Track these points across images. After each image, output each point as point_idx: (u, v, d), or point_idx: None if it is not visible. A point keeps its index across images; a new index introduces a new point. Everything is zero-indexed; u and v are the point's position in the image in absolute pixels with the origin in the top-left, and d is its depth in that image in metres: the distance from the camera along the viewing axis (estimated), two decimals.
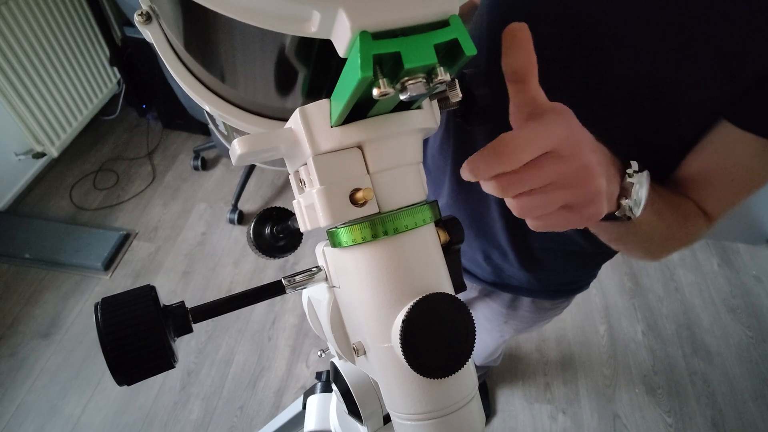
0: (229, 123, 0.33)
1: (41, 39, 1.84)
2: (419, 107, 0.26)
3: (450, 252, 0.30)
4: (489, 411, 1.53)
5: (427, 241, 0.27)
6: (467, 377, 0.28)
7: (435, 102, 0.28)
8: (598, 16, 0.47)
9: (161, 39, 0.33)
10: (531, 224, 0.35)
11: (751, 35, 0.41)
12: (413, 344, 0.25)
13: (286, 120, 0.26)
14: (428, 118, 0.26)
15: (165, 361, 0.27)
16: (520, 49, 0.29)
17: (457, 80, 0.26)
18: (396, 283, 0.26)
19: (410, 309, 0.25)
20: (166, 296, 1.77)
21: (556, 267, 0.75)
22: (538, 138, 0.29)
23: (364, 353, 0.29)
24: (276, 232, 0.45)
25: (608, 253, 0.73)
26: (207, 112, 0.38)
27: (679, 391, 1.59)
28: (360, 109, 0.23)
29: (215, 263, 1.88)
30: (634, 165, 0.39)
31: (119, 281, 1.81)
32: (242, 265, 1.88)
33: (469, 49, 0.17)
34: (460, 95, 0.26)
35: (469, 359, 0.27)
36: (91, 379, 1.56)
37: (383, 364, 0.27)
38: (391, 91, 0.18)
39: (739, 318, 1.78)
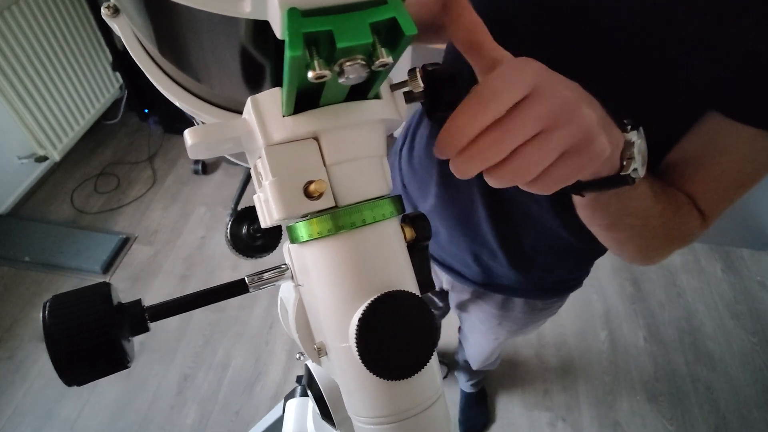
0: (199, 118, 0.32)
1: (44, 44, 1.86)
2: (378, 97, 0.25)
3: (417, 249, 0.29)
4: (488, 418, 1.51)
5: (388, 236, 0.26)
6: (430, 379, 0.27)
7: (399, 94, 0.28)
8: (580, 3, 0.46)
9: (128, 31, 0.33)
10: (536, 188, 0.31)
11: (739, 21, 0.40)
12: (369, 344, 0.24)
13: None
14: (389, 109, 0.25)
15: (115, 361, 0.26)
16: (462, 15, 0.28)
17: (419, 71, 0.25)
18: (354, 279, 0.25)
19: (367, 307, 0.24)
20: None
21: (547, 265, 0.74)
22: (514, 75, 0.27)
23: (326, 354, 0.28)
24: (253, 231, 0.44)
25: (600, 250, 0.71)
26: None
27: (681, 399, 1.56)
28: (311, 98, 0.22)
29: (214, 267, 1.88)
30: (627, 121, 0.37)
31: (117, 284, 1.80)
32: (241, 270, 1.87)
33: (409, 28, 0.16)
34: (422, 86, 0.25)
35: (430, 360, 0.26)
36: None
37: (342, 365, 0.26)
38: (327, 73, 0.17)
39: (743, 324, 1.75)
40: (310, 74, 0.17)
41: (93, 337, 0.25)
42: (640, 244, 0.51)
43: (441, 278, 0.89)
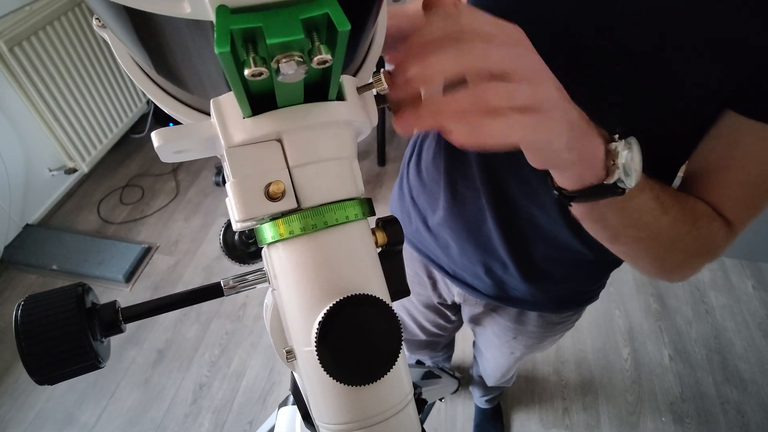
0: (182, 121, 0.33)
1: (75, 61, 1.94)
2: (342, 98, 0.25)
3: (390, 254, 0.29)
4: None
5: (354, 239, 0.26)
6: (396, 385, 0.26)
7: (370, 97, 0.27)
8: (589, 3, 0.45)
9: (115, 39, 0.34)
10: (466, 132, 0.27)
11: (752, 20, 0.39)
12: (329, 347, 0.23)
13: None
14: (354, 111, 0.25)
15: (85, 361, 0.26)
16: None
17: (384, 72, 0.25)
18: (316, 282, 0.25)
19: (328, 310, 0.24)
20: (183, 308, 1.79)
21: (560, 277, 0.72)
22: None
23: (295, 359, 0.28)
24: (245, 238, 0.44)
25: (614, 261, 0.69)
26: None
27: (709, 421, 1.49)
28: (270, 99, 0.22)
29: (233, 276, 1.89)
30: (619, 129, 0.36)
31: (139, 293, 1.84)
32: None
33: (341, 23, 0.16)
34: (387, 87, 0.25)
35: (398, 366, 0.25)
36: (107, 388, 1.58)
37: (306, 370, 0.26)
38: (263, 70, 0.17)
39: None
40: (246, 71, 0.17)
41: (60, 337, 0.25)
42: (653, 257, 0.49)
43: (453, 292, 0.88)
